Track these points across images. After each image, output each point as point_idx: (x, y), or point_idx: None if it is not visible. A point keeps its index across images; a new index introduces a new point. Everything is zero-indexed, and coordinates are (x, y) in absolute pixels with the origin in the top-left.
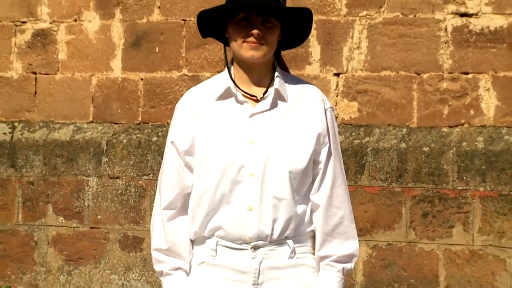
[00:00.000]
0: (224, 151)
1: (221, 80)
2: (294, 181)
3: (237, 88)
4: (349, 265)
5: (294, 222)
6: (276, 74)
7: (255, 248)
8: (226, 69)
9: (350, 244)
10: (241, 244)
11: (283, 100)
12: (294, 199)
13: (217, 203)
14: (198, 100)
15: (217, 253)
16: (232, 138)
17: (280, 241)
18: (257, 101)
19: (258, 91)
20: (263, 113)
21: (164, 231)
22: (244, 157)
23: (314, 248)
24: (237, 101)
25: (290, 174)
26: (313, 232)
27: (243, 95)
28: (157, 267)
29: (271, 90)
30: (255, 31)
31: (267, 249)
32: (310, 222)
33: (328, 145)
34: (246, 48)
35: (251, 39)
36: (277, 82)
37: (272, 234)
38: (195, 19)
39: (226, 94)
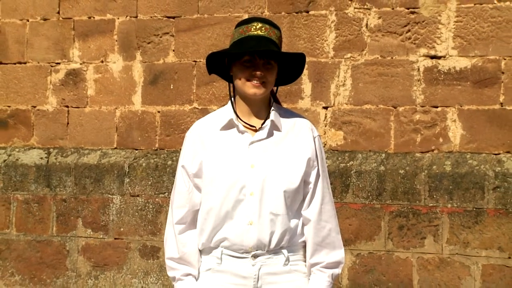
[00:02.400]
0: (228, 174)
1: (225, 113)
2: (288, 199)
3: (239, 120)
4: (337, 271)
5: (288, 234)
6: (272, 107)
7: (255, 256)
8: (229, 103)
9: (337, 253)
10: (242, 253)
11: (278, 130)
12: (288, 215)
13: (222, 218)
14: (205, 130)
15: (222, 261)
16: (235, 162)
17: (276, 251)
18: (255, 130)
19: (256, 122)
20: (261, 141)
21: (176, 243)
22: (245, 179)
23: (305, 256)
24: (239, 131)
25: (285, 193)
26: (304, 242)
27: (243, 125)
28: (170, 273)
29: (268, 122)
30: (258, 72)
31: (265, 258)
32: (302, 234)
33: (316, 168)
34: (249, 87)
35: (254, 79)
36: (273, 114)
37: (269, 244)
38: (205, 60)
39: (229, 125)
